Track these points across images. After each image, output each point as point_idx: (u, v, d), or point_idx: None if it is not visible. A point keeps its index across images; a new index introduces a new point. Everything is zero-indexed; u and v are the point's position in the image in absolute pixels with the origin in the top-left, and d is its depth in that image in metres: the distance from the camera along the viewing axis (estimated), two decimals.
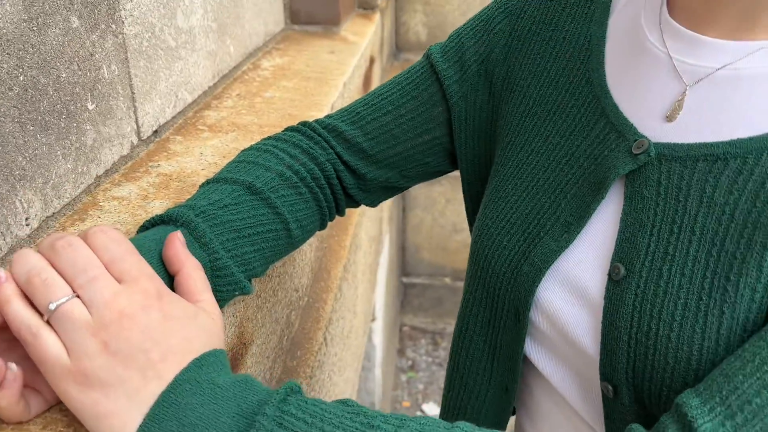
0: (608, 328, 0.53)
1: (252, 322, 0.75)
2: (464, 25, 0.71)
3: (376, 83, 1.93)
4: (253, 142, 0.72)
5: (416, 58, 2.52)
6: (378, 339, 1.98)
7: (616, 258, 0.53)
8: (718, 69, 0.50)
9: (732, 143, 0.49)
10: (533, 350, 0.63)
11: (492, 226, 0.62)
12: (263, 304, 0.80)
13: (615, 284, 0.53)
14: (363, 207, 1.50)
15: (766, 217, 0.47)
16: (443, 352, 3.23)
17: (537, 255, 0.58)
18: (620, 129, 0.55)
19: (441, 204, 2.95)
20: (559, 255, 0.57)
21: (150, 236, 0.52)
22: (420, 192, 2.95)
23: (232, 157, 0.72)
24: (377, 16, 1.95)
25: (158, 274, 0.48)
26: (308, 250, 1.08)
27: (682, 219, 0.50)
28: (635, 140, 0.54)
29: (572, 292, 0.56)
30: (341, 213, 0.74)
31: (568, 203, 0.57)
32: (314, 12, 1.70)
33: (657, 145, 0.53)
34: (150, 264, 0.48)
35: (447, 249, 3.08)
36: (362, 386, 1.97)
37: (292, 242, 0.64)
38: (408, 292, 3.19)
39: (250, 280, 0.60)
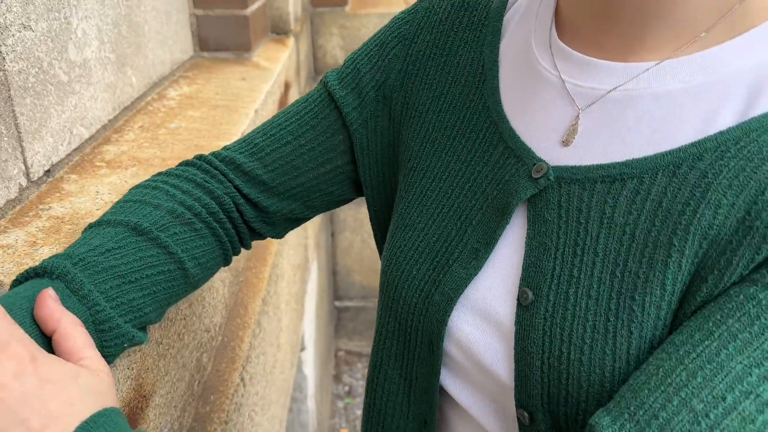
0: (520, 354, 0.52)
1: (152, 372, 0.70)
2: (359, 51, 0.70)
3: None
4: None
5: None
6: (309, 369, 1.93)
7: (523, 283, 0.52)
8: (610, 91, 0.51)
9: (628, 163, 0.49)
10: (449, 381, 0.61)
11: (400, 256, 0.61)
12: (166, 351, 0.75)
13: (524, 309, 0.52)
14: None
15: (665, 235, 0.47)
16: None
17: (447, 284, 0.57)
18: (519, 154, 0.55)
19: (369, 225, 2.94)
20: (468, 282, 0.56)
21: (21, 293, 0.47)
22: (348, 214, 2.92)
23: (125, 187, 0.68)
24: (291, 41, 1.93)
25: (33, 334, 0.44)
26: (221, 286, 1.03)
27: (584, 241, 0.50)
28: (534, 164, 0.54)
29: (484, 319, 0.55)
30: (247, 246, 0.70)
31: (474, 230, 0.57)
32: (224, 38, 1.66)
33: (556, 168, 0.53)
34: (23, 325, 0.44)
35: (378, 270, 3.06)
36: (295, 419, 1.91)
37: (190, 282, 0.60)
38: (342, 316, 3.15)
39: (144, 329, 0.55)
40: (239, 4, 1.64)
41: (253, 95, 1.41)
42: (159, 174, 0.66)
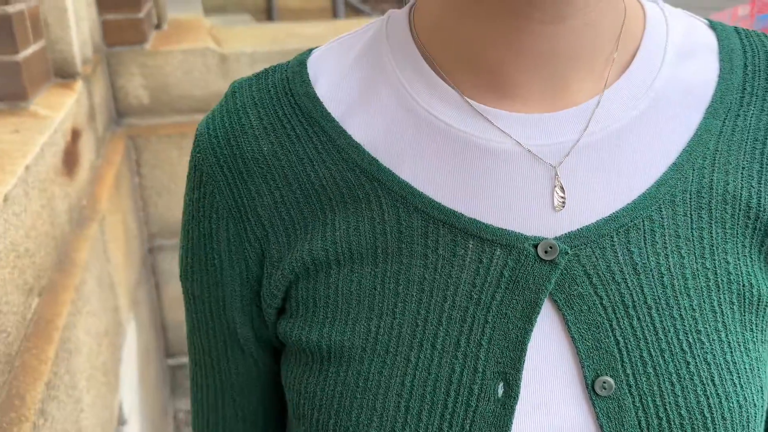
0: None
1: None
2: (181, 258, 0.56)
3: (86, 158, 1.73)
4: None
5: (140, 122, 2.35)
6: None
7: (593, 373, 0.46)
8: (577, 140, 0.47)
9: (632, 206, 0.47)
10: None
11: (382, 427, 0.46)
12: None
13: (606, 401, 0.46)
14: (79, 303, 1.30)
15: (690, 264, 0.47)
16: None
17: None
18: (504, 243, 0.46)
19: None
20: (511, 418, 0.45)
21: None
22: (173, 264, 2.74)
23: None
24: (79, 85, 1.76)
25: None
26: None
27: (633, 300, 0.46)
28: (535, 245, 0.46)
29: None
30: None
31: (488, 352, 0.46)
32: None
33: (562, 239, 0.46)
34: None
35: None
36: None
37: None
38: (177, 375, 2.94)
39: None
40: (8, 49, 1.46)
41: (24, 149, 1.25)
42: None
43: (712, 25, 0.53)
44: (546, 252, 0.46)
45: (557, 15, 0.44)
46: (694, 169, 0.48)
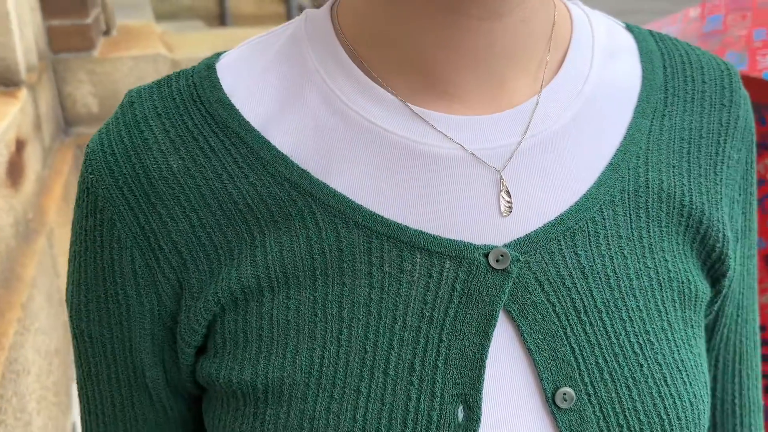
0: None
1: None
2: (70, 297, 0.49)
3: (32, 169, 1.66)
4: None
5: (90, 131, 2.28)
6: None
7: (553, 385, 0.43)
8: (520, 142, 0.45)
9: (576, 208, 0.46)
10: None
11: None
12: None
13: (567, 413, 0.43)
14: (26, 321, 1.24)
15: (633, 264, 0.46)
16: None
17: None
18: (453, 254, 0.43)
19: None
20: None
21: None
22: None
23: None
24: (23, 93, 1.70)
25: None
26: None
27: (584, 305, 0.45)
28: (485, 254, 0.43)
29: None
30: None
31: (445, 372, 0.43)
32: None
33: (512, 245, 0.44)
34: None
35: None
36: None
37: None
38: None
39: None
40: None
41: None
42: None
43: (629, 28, 0.53)
44: (497, 261, 0.43)
45: (495, 11, 0.42)
46: (629, 169, 0.47)
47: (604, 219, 0.46)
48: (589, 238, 0.45)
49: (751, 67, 1.39)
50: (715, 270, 0.51)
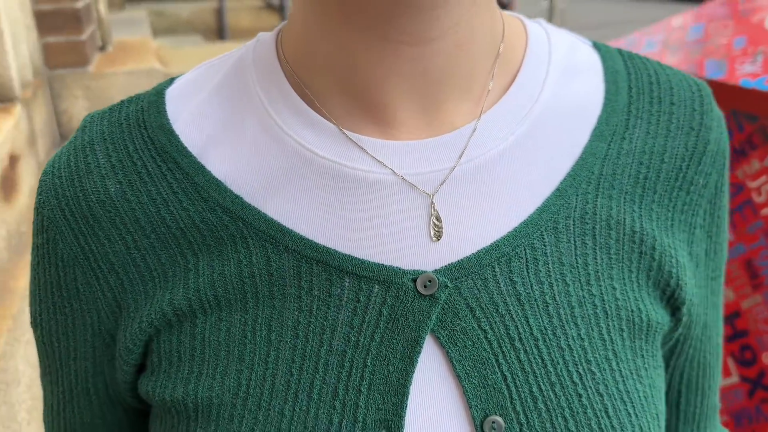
0: None
1: None
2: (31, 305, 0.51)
3: (26, 183, 1.69)
4: None
5: None
6: None
7: (482, 413, 0.42)
8: (453, 168, 0.44)
9: (513, 235, 0.44)
10: None
11: None
12: None
13: None
14: (17, 332, 1.26)
15: (575, 292, 0.45)
16: None
17: None
18: (381, 279, 0.43)
19: None
20: None
21: None
22: None
23: None
24: (18, 109, 1.72)
25: None
26: None
27: (518, 332, 0.43)
28: (414, 279, 0.43)
29: None
30: None
31: (368, 398, 0.42)
32: None
33: (442, 271, 0.43)
34: None
35: None
36: None
37: None
38: None
39: None
40: None
41: None
42: None
43: (596, 46, 0.52)
44: (425, 286, 0.43)
45: (422, 36, 0.42)
46: (578, 195, 0.46)
47: (544, 245, 0.45)
48: (527, 264, 0.44)
49: (729, 74, 1.41)
50: (674, 299, 0.49)
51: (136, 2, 5.46)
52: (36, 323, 0.51)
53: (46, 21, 2.14)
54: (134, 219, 0.45)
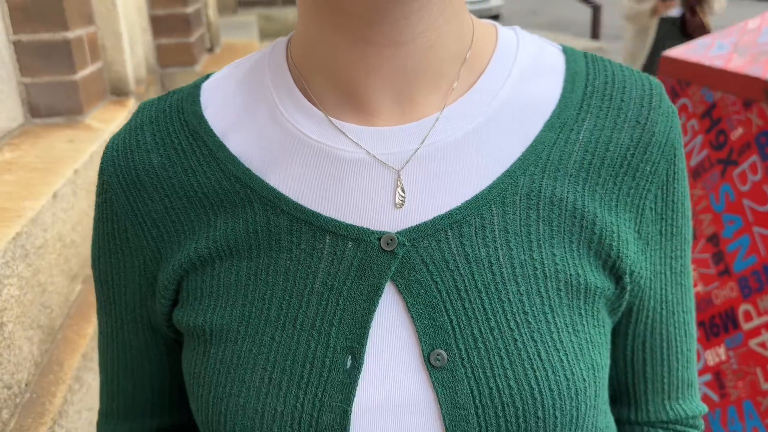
0: (451, 410, 0.51)
1: None
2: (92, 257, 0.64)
3: None
4: None
5: None
6: None
7: (429, 347, 0.51)
8: (417, 149, 0.53)
9: (465, 206, 0.52)
10: None
11: (248, 397, 0.52)
12: None
13: (440, 371, 0.51)
14: None
15: (518, 255, 0.52)
16: None
17: (332, 398, 0.51)
18: (354, 237, 0.52)
19: None
20: (356, 384, 0.51)
21: None
22: None
23: None
24: (131, 102, 1.96)
25: None
26: (26, 344, 1.04)
27: (465, 285, 0.52)
28: (379, 238, 0.52)
29: (391, 410, 0.51)
30: None
31: (338, 330, 0.52)
32: (55, 104, 1.68)
33: (402, 233, 0.52)
34: None
35: None
36: None
37: None
38: None
39: None
40: (67, 70, 1.66)
41: (76, 156, 1.43)
42: None
43: (564, 50, 0.59)
44: (387, 244, 0.52)
45: (397, 39, 0.50)
46: (525, 175, 0.53)
47: (492, 215, 0.52)
48: (475, 230, 0.52)
49: None
50: (616, 268, 0.55)
51: (248, 7, 5.80)
52: (95, 264, 0.62)
53: (159, 24, 2.40)
54: (171, 185, 0.56)
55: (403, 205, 0.52)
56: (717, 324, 1.61)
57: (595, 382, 0.53)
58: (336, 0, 0.49)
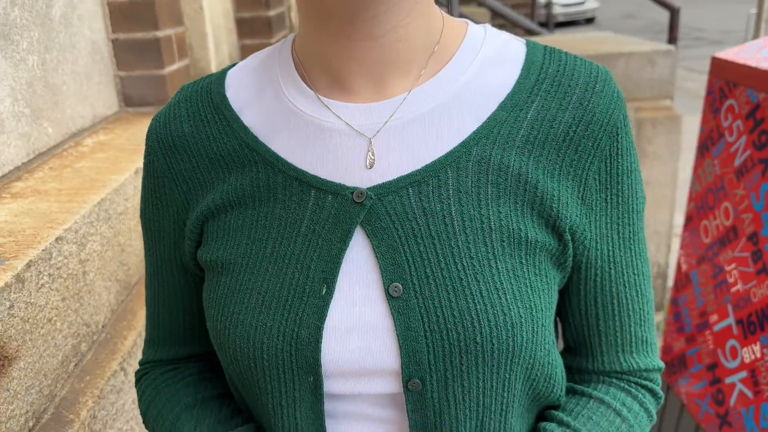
0: (404, 333, 0.61)
1: (15, 340, 0.90)
2: (141, 205, 0.77)
3: None
4: (47, 203, 0.86)
5: None
6: None
7: (389, 281, 0.62)
8: (387, 121, 0.63)
9: (424, 169, 0.63)
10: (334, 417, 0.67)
11: (246, 315, 0.64)
12: (33, 329, 0.95)
13: (397, 300, 0.62)
14: None
15: (468, 211, 0.62)
16: None
17: (309, 317, 0.63)
18: (334, 191, 0.64)
19: None
20: (328, 306, 0.62)
21: None
22: None
23: (20, 212, 0.84)
24: None
25: None
26: (104, 292, 1.23)
27: (420, 232, 0.62)
28: (352, 192, 0.63)
29: (356, 330, 0.62)
30: None
31: (317, 264, 0.64)
32: (146, 95, 1.90)
33: (371, 188, 0.63)
34: None
35: None
36: None
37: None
38: None
39: None
40: (157, 65, 1.88)
41: None
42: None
43: (527, 44, 0.68)
44: (359, 197, 0.63)
45: (370, 34, 0.61)
46: (478, 146, 0.63)
47: (447, 177, 0.63)
48: (432, 189, 0.62)
49: None
50: (556, 226, 0.64)
51: None
52: (142, 215, 0.76)
53: (244, 26, 2.61)
54: (197, 149, 0.70)
55: (372, 166, 0.63)
56: (754, 322, 1.63)
57: (532, 320, 0.62)
58: (320, 3, 0.60)
